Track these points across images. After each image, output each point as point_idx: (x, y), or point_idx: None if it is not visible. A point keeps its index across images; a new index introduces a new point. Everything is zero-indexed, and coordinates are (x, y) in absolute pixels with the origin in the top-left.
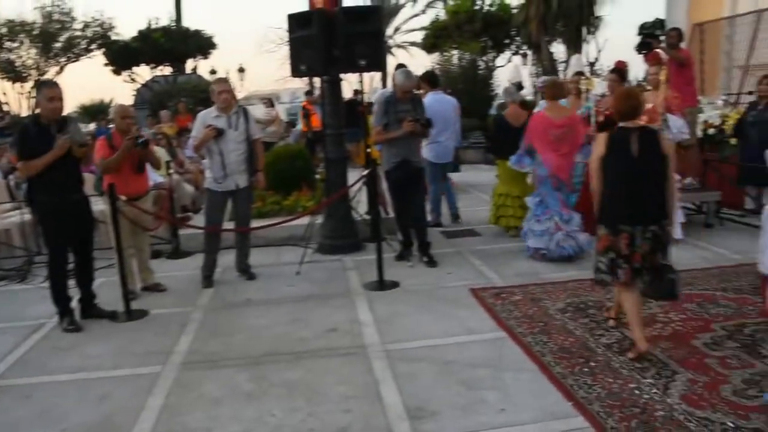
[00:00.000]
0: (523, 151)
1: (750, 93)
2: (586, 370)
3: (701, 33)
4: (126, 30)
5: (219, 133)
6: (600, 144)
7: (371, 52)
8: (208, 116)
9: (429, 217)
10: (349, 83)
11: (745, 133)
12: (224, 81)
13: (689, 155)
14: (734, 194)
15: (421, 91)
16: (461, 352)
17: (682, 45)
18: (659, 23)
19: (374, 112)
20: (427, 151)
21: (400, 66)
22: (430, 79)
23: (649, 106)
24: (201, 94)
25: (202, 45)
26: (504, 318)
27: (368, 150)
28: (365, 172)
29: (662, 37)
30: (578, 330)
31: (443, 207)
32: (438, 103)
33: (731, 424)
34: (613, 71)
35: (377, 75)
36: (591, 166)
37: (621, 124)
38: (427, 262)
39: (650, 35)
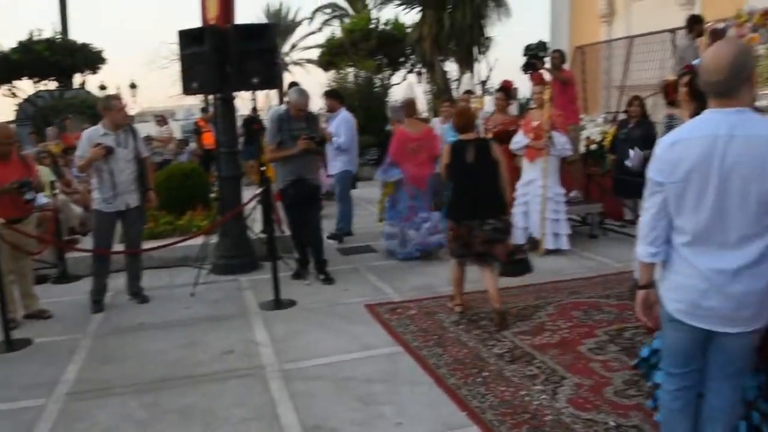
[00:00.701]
0: (388, 163)
1: (625, 111)
2: (479, 380)
3: (582, 55)
4: (5, 41)
5: (108, 152)
6: (445, 155)
7: (265, 70)
8: (95, 135)
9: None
10: (245, 101)
11: (618, 149)
12: (120, 98)
13: (573, 170)
14: (615, 206)
15: (321, 109)
16: (358, 368)
17: (565, 66)
18: (542, 45)
19: (267, 130)
20: (347, 162)
21: (294, 84)
22: (340, 97)
23: (535, 123)
24: (89, 111)
25: (91, 59)
26: (400, 332)
27: (262, 168)
28: (259, 190)
29: (546, 59)
30: (471, 341)
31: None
32: (351, 118)
33: (613, 423)
34: (499, 90)
35: (274, 92)
36: (441, 173)
37: (460, 137)
38: (323, 279)
39: (534, 56)
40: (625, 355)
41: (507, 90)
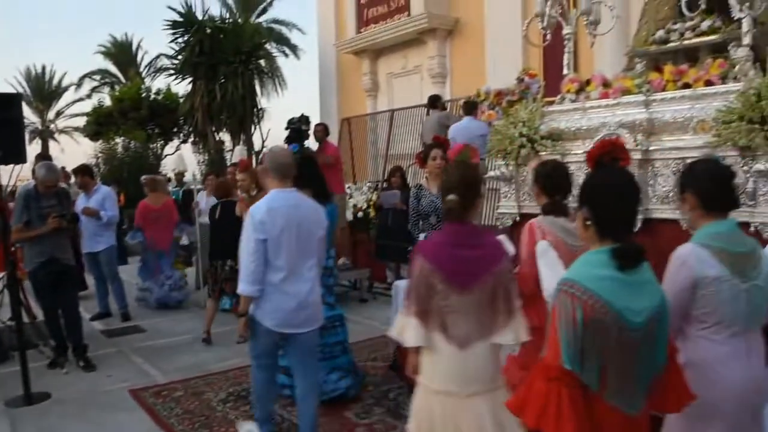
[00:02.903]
0: (134, 229)
1: (387, 180)
2: None
3: (349, 126)
4: None
5: None
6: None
7: (10, 143)
8: None
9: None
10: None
11: (380, 216)
12: None
13: (342, 238)
14: (383, 269)
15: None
16: None
17: (330, 138)
18: (306, 119)
19: (14, 208)
20: (113, 236)
21: (43, 157)
22: (91, 172)
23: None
24: None
25: None
26: (164, 417)
27: (12, 249)
28: (3, 274)
29: (310, 131)
30: (240, 418)
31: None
32: (113, 192)
33: None
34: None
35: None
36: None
37: (217, 201)
38: (84, 366)
39: (297, 129)
40: (389, 417)
41: (242, 165)
